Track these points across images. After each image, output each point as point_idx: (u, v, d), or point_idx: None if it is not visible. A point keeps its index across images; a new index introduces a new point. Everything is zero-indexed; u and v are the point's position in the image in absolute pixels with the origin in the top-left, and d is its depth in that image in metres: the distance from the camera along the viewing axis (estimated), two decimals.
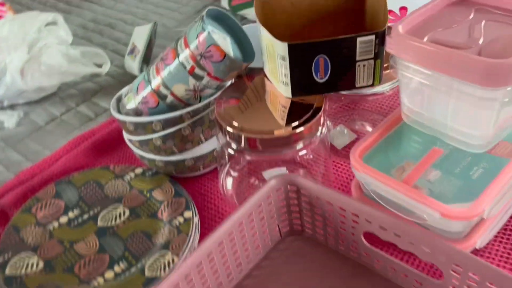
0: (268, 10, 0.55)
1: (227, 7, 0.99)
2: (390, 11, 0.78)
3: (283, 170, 0.61)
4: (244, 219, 0.46)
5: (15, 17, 0.96)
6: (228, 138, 0.50)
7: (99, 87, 0.84)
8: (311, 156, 0.57)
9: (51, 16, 0.94)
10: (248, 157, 0.51)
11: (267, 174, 0.61)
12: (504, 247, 0.48)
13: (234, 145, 0.50)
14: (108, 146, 0.68)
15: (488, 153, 0.48)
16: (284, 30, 0.57)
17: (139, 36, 0.83)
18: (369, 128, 0.65)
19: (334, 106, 0.67)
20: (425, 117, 0.48)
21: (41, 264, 0.51)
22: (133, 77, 0.84)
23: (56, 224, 0.56)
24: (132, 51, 0.83)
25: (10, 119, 0.79)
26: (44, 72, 0.79)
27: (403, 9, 0.79)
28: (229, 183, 0.59)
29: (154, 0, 1.11)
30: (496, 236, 0.49)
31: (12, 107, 0.82)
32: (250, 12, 0.95)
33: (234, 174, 0.60)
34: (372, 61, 0.48)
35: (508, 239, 0.49)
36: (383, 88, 0.55)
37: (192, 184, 0.61)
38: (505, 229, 0.50)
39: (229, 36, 0.56)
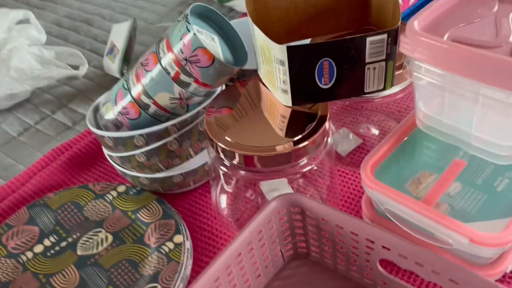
0: (260, 5, 0.49)
1: None
2: None
3: (283, 181, 0.55)
4: (243, 249, 0.40)
5: None
6: (220, 155, 0.44)
7: (77, 92, 0.77)
8: (315, 167, 0.51)
9: (21, 14, 0.86)
10: (243, 173, 0.45)
11: (265, 186, 0.55)
12: None
13: (227, 162, 0.44)
14: (86, 160, 0.61)
15: None
16: (279, 28, 0.51)
17: (118, 35, 0.76)
18: (375, 131, 0.59)
19: (335, 106, 0.61)
20: (444, 124, 0.42)
21: None
22: (113, 79, 0.77)
23: (30, 254, 0.50)
24: (111, 51, 0.76)
25: None
26: (14, 77, 0.72)
27: None
28: (223, 200, 0.53)
29: None
30: None
31: None
32: (240, 4, 0.89)
33: (228, 189, 0.54)
34: (383, 63, 0.42)
35: None
36: (393, 90, 0.49)
37: (182, 201, 0.55)
38: None
39: (217, 35, 0.50)
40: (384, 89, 0.43)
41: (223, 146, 0.42)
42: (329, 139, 0.45)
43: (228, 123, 0.45)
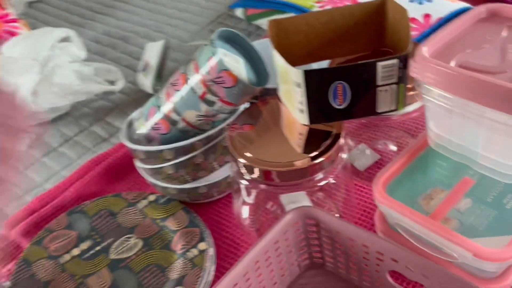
0: (282, 30, 0.52)
1: (242, 17, 0.96)
2: (413, 19, 0.74)
3: (302, 194, 0.58)
4: (260, 258, 0.44)
5: (28, 34, 0.95)
6: (241, 169, 0.47)
7: (113, 105, 0.83)
8: (332, 181, 0.54)
9: (64, 32, 0.93)
10: (262, 187, 0.48)
11: (284, 198, 0.58)
12: None
13: (247, 176, 0.47)
14: (120, 170, 0.66)
15: None
16: (300, 50, 0.54)
17: (151, 53, 0.81)
18: (393, 147, 0.62)
19: (353, 123, 0.64)
20: (453, 144, 0.45)
21: None
22: (147, 94, 0.82)
23: (68, 256, 0.54)
24: (144, 68, 0.81)
25: (23, 141, 0.78)
26: (56, 92, 0.78)
27: (427, 16, 0.75)
28: (244, 210, 0.56)
29: (167, 11, 1.08)
30: None
31: None
32: (266, 22, 0.92)
33: (249, 201, 0.57)
34: (395, 86, 0.45)
35: None
36: (409, 109, 0.52)
37: (207, 210, 0.59)
38: None
39: (242, 57, 0.54)
40: (396, 109, 0.46)
41: (243, 161, 0.46)
42: (344, 155, 0.48)
43: (249, 139, 0.48)
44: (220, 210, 0.59)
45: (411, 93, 0.48)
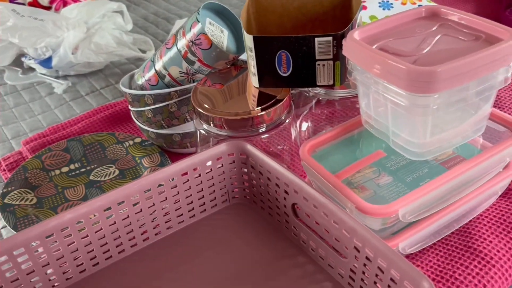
0: (260, 8, 0.60)
1: None
2: None
3: None
4: (190, 172, 0.51)
5: (87, 3, 1.10)
6: (199, 118, 0.55)
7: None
8: (279, 147, 0.61)
9: (116, 5, 1.06)
10: (214, 138, 0.56)
11: None
12: (438, 260, 0.48)
13: (205, 126, 0.56)
14: (123, 117, 0.77)
15: (442, 165, 0.49)
16: (275, 30, 0.62)
17: (176, 28, 0.92)
18: None
19: (326, 110, 0.70)
20: (374, 121, 0.50)
21: (34, 200, 0.61)
22: None
23: (57, 171, 0.65)
24: None
25: (60, 86, 0.91)
26: (93, 50, 0.91)
27: None
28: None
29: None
30: (431, 247, 0.50)
31: (64, 77, 0.94)
32: None
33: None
34: (331, 62, 0.51)
35: (445, 252, 0.49)
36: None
37: (179, 159, 0.67)
38: (447, 243, 0.50)
39: (227, 29, 0.62)
40: (333, 84, 0.53)
41: (200, 110, 0.54)
42: (287, 120, 0.55)
43: (212, 94, 0.56)
44: None
45: None
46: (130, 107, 0.66)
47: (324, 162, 0.51)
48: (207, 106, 0.54)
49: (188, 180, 0.51)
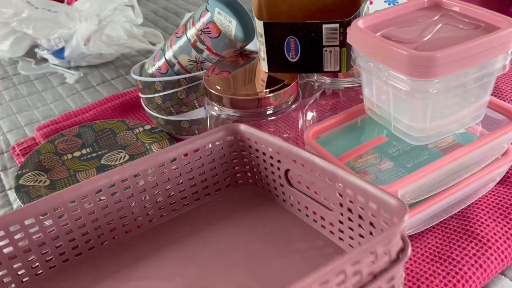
0: None
1: None
2: None
3: None
4: (191, 154, 0.52)
5: None
6: (209, 99, 0.57)
7: None
8: (285, 135, 0.63)
9: (128, 0, 1.09)
10: (224, 117, 0.58)
11: None
12: (436, 242, 0.50)
13: (216, 107, 0.57)
14: (133, 106, 0.79)
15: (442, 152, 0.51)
16: (286, 19, 0.63)
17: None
18: None
19: (330, 101, 0.71)
20: (377, 107, 0.52)
21: (47, 182, 0.63)
22: None
23: (70, 156, 0.68)
24: None
25: (71, 77, 0.94)
26: (104, 41, 0.93)
27: None
28: None
29: None
30: (430, 230, 0.51)
31: (76, 67, 0.97)
32: None
33: None
34: (338, 48, 0.53)
35: (444, 235, 0.51)
36: None
37: None
38: (445, 227, 0.52)
39: (236, 19, 0.64)
40: (340, 70, 0.54)
41: (211, 91, 0.56)
42: (293, 106, 0.57)
43: (222, 80, 0.58)
44: None
45: None
46: (140, 94, 0.68)
47: (328, 147, 0.53)
48: (218, 87, 0.56)
49: (189, 162, 0.53)
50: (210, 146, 0.54)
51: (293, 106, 0.57)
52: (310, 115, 0.70)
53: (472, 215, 0.52)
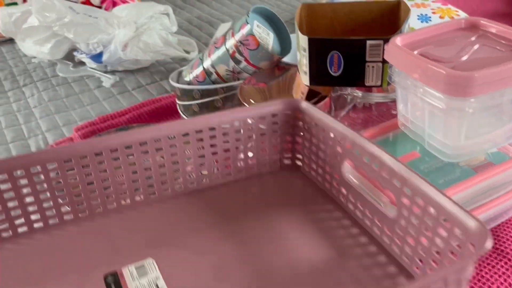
0: (312, 13, 0.64)
1: None
2: None
3: None
4: (242, 122, 0.52)
5: (136, 4, 1.16)
6: None
7: None
8: None
9: (163, 8, 1.12)
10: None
11: None
12: None
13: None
14: (167, 111, 0.81)
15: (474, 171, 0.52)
16: (325, 33, 0.65)
17: (222, 31, 0.97)
18: None
19: (362, 115, 0.73)
20: (410, 122, 0.53)
21: None
22: None
23: None
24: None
25: (108, 81, 0.97)
26: (141, 48, 0.96)
27: None
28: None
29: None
30: None
31: (113, 72, 1.00)
32: None
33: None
34: (380, 64, 0.55)
35: None
36: None
37: None
38: None
39: (273, 33, 0.66)
40: (381, 85, 0.56)
41: (246, 104, 0.58)
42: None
43: (257, 92, 0.60)
44: None
45: None
46: (177, 101, 0.71)
47: None
48: (252, 102, 0.58)
49: (240, 130, 0.52)
50: (265, 117, 0.52)
51: None
52: None
53: (502, 234, 0.52)
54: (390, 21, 0.62)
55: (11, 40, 1.19)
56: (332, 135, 0.48)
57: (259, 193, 0.53)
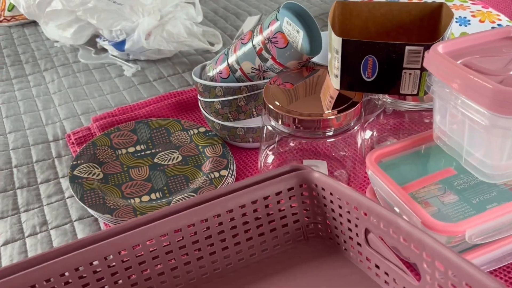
0: (346, 11, 0.60)
1: None
2: None
3: (322, 163, 0.65)
4: (260, 199, 0.49)
5: None
6: (268, 114, 0.56)
7: (206, 61, 0.96)
8: (342, 153, 0.61)
9: None
10: (280, 135, 0.57)
11: (306, 163, 0.66)
12: None
13: (273, 122, 0.56)
14: (189, 106, 0.79)
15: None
16: (358, 34, 0.61)
17: (248, 24, 0.93)
18: None
19: (391, 121, 0.69)
20: (447, 137, 0.50)
21: (100, 175, 0.63)
22: None
23: (124, 151, 0.68)
24: (239, 36, 0.94)
25: (129, 70, 0.95)
26: (165, 38, 0.94)
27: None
28: (269, 159, 0.66)
29: (281, 1, 1.21)
30: (492, 272, 0.48)
31: (134, 61, 0.98)
32: None
33: (272, 155, 0.66)
34: (418, 72, 0.51)
35: (506, 280, 0.48)
36: None
37: (240, 153, 0.69)
38: (508, 271, 0.49)
39: (303, 30, 0.63)
40: (417, 94, 0.52)
41: (270, 106, 0.55)
42: (356, 127, 0.55)
43: (284, 92, 0.57)
44: (252, 157, 0.69)
45: None
46: (199, 97, 0.68)
47: (390, 172, 0.51)
48: (278, 104, 0.55)
49: (257, 209, 0.49)
50: (280, 193, 0.50)
51: (356, 128, 0.55)
52: (368, 133, 0.67)
53: None
54: (430, 25, 0.58)
55: (34, 23, 1.18)
56: (347, 203, 0.46)
57: (285, 266, 0.50)
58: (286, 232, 0.51)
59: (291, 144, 0.66)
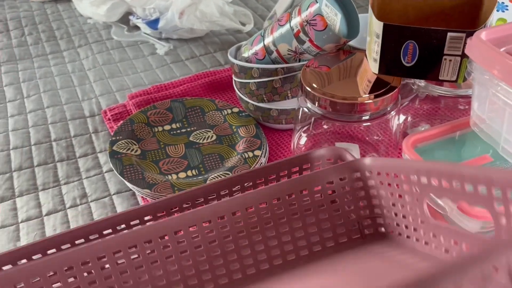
0: None
1: None
2: None
3: (355, 146, 0.66)
4: (310, 188, 0.44)
5: None
6: (304, 96, 0.57)
7: (237, 42, 0.97)
8: (376, 138, 0.62)
9: None
10: (315, 117, 0.58)
11: (339, 146, 0.67)
12: None
13: (309, 104, 0.57)
14: (223, 86, 0.80)
15: None
16: (397, 19, 0.61)
17: (281, 5, 0.93)
18: None
19: (426, 106, 0.69)
20: (485, 124, 0.50)
21: (138, 151, 0.65)
22: None
23: (160, 128, 0.70)
24: (271, 17, 0.94)
25: (162, 48, 0.96)
26: (198, 17, 0.94)
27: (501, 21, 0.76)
28: (302, 140, 0.67)
29: None
30: None
31: (167, 39, 0.99)
32: None
33: (305, 137, 0.67)
34: (459, 58, 0.51)
35: None
36: None
37: (273, 134, 0.70)
38: None
39: (341, 13, 0.63)
40: (456, 81, 0.52)
41: (307, 88, 0.56)
42: (392, 112, 0.56)
43: (320, 75, 0.58)
44: (284, 138, 0.70)
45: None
46: (234, 78, 0.69)
47: (426, 158, 0.51)
48: (315, 86, 0.56)
49: (308, 199, 0.45)
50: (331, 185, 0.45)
51: (392, 112, 0.56)
52: (402, 117, 0.68)
53: None
54: (471, 11, 0.57)
55: None
56: (404, 177, 0.40)
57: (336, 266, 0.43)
58: (339, 229, 0.46)
59: (325, 127, 0.67)
